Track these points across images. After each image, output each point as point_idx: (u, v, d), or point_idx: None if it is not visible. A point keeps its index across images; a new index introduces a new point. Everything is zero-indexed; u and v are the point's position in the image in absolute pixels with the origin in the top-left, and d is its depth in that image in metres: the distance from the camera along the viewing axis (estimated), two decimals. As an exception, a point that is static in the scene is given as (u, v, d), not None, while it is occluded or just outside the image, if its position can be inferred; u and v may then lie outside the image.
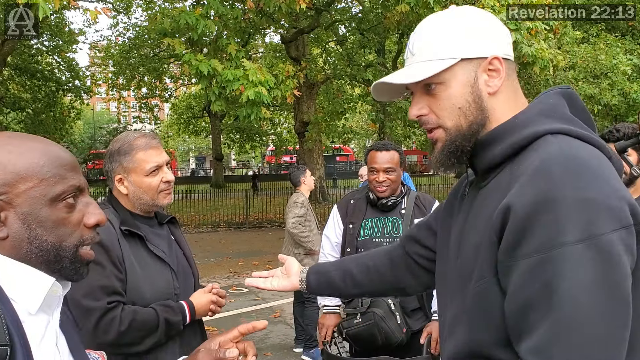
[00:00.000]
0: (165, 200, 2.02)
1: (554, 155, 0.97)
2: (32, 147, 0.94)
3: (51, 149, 0.96)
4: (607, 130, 2.88)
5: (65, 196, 0.94)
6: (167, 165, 2.04)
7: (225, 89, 8.33)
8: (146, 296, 1.92)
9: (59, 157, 0.96)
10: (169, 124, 36.48)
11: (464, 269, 1.10)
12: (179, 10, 8.90)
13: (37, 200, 0.91)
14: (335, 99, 16.26)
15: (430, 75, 1.10)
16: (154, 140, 2.03)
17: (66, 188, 0.94)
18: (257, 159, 55.54)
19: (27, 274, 0.91)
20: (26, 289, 0.90)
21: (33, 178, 0.91)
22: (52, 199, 0.93)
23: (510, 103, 1.12)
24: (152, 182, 1.98)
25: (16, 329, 0.85)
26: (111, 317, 1.82)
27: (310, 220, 5.37)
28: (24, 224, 0.91)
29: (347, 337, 2.76)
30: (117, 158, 1.98)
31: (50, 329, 0.94)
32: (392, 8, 9.66)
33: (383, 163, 2.82)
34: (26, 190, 0.91)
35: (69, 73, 20.78)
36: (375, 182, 2.84)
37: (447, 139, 1.13)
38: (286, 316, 6.51)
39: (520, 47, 8.21)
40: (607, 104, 13.63)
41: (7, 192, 0.90)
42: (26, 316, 0.89)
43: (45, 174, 0.92)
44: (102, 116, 52.13)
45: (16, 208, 0.90)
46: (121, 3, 21.26)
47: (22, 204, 0.91)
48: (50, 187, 0.93)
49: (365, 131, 35.91)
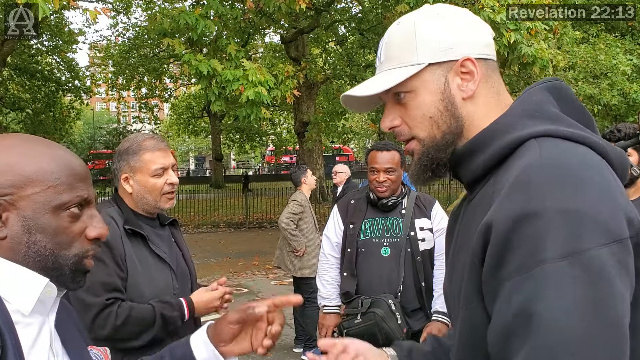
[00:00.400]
0: (167, 204, 2.06)
1: (534, 162, 0.87)
2: (44, 152, 0.94)
3: (64, 156, 0.96)
4: (608, 130, 2.88)
5: (69, 205, 0.93)
6: (173, 168, 2.08)
7: (225, 89, 8.33)
8: (146, 294, 1.95)
9: (70, 165, 0.95)
10: (168, 124, 36.48)
11: (456, 292, 1.03)
12: (179, 10, 8.90)
13: (40, 205, 0.91)
14: (335, 99, 16.26)
15: (395, 83, 1.01)
16: (162, 143, 2.07)
17: (72, 198, 0.93)
18: (256, 159, 55.53)
19: (20, 275, 0.90)
20: (19, 289, 0.89)
21: (40, 183, 0.91)
22: (56, 207, 0.92)
23: (492, 106, 1.02)
24: (157, 183, 2.01)
25: (8, 330, 0.84)
26: (107, 312, 1.86)
27: (309, 220, 5.37)
28: (24, 227, 0.90)
29: (348, 337, 2.75)
30: (125, 157, 2.03)
31: (45, 330, 0.93)
32: (392, 8, 9.67)
33: (384, 163, 2.82)
34: (31, 195, 0.90)
35: (68, 73, 20.77)
36: (375, 182, 2.83)
37: (422, 150, 1.04)
38: (286, 316, 6.49)
39: (520, 47, 8.22)
40: (607, 104, 13.63)
41: (12, 194, 0.89)
42: (19, 317, 0.88)
43: (53, 181, 0.92)
44: (102, 116, 52.12)
45: (19, 210, 0.90)
46: (121, 3, 21.26)
47: (25, 207, 0.90)
48: (56, 195, 0.92)
49: (365, 131, 35.91)
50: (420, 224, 2.85)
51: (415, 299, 2.82)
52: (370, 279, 2.81)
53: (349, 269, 2.87)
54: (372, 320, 2.66)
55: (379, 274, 2.80)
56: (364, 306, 2.71)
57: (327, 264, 3.00)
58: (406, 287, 2.78)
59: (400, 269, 2.78)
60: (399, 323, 2.67)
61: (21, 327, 0.87)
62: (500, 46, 8.21)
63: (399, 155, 2.86)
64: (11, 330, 0.84)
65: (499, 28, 8.14)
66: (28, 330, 0.89)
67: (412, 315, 2.81)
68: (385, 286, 2.78)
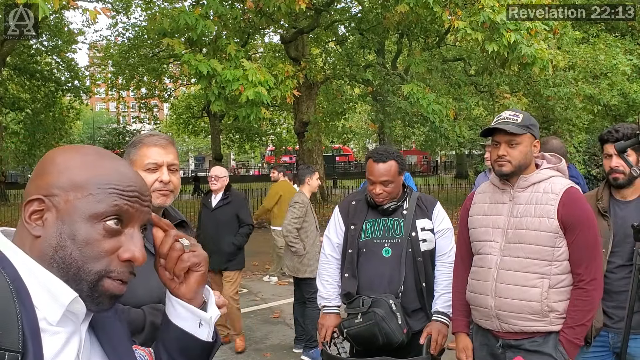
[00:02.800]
0: (157, 201, 2.00)
1: None
2: (102, 165, 0.94)
3: (120, 171, 0.95)
4: (607, 130, 2.88)
5: (105, 217, 0.90)
6: (172, 168, 2.04)
7: (225, 89, 8.34)
8: (138, 294, 1.92)
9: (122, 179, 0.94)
10: (168, 124, 36.43)
11: None
12: (179, 10, 8.91)
13: (77, 212, 0.89)
14: (335, 99, 16.25)
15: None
16: (163, 140, 2.04)
17: (107, 209, 0.91)
18: (256, 159, 55.50)
19: (51, 284, 0.88)
20: (49, 298, 0.87)
21: (84, 190, 0.90)
22: (92, 216, 0.90)
23: None
24: (147, 178, 1.96)
25: (33, 338, 0.82)
26: None
27: (310, 221, 5.37)
28: (57, 230, 0.89)
29: (348, 336, 2.75)
30: (128, 150, 2.04)
31: (74, 340, 0.90)
32: (392, 8, 9.67)
33: (379, 176, 2.78)
34: (73, 200, 0.89)
35: (68, 73, 20.77)
36: (372, 193, 2.83)
37: None
38: (286, 316, 6.51)
39: (519, 47, 8.21)
40: (607, 104, 13.63)
41: (57, 195, 0.90)
42: (46, 325, 0.86)
43: (95, 190, 0.91)
44: (102, 116, 52.11)
45: (59, 212, 0.89)
46: (120, 3, 21.24)
47: (64, 211, 0.89)
48: (95, 204, 0.90)
49: (365, 131, 35.90)
50: (421, 224, 2.85)
51: (416, 299, 2.81)
52: (371, 279, 2.81)
53: (350, 270, 2.86)
54: (372, 320, 2.65)
55: (380, 275, 2.80)
56: (365, 306, 2.70)
57: (328, 265, 3.00)
58: (407, 287, 2.78)
59: (401, 270, 2.77)
60: (400, 323, 2.66)
61: (48, 336, 0.85)
62: (500, 46, 8.21)
63: (397, 164, 2.81)
64: (36, 338, 0.83)
65: (499, 28, 8.15)
66: (54, 339, 0.87)
67: (413, 316, 2.80)
68: (386, 286, 2.77)
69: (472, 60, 14.68)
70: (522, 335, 2.37)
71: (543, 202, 2.34)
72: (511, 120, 2.38)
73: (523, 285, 2.33)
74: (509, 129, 2.34)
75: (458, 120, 13.39)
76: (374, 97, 16.20)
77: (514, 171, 2.39)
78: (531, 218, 2.35)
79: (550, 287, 2.31)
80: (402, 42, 16.49)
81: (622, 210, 2.67)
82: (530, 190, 2.40)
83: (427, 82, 12.01)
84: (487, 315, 2.44)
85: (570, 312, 2.31)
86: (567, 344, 2.31)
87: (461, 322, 2.62)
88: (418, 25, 12.89)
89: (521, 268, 2.34)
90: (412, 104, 11.25)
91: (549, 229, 2.30)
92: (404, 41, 16.14)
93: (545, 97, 12.79)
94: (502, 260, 2.39)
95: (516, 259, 2.36)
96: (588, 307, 2.30)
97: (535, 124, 2.45)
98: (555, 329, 2.33)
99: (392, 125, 16.45)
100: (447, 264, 2.84)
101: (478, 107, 13.31)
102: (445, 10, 8.71)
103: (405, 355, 2.69)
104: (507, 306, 2.36)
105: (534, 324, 2.33)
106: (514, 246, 2.37)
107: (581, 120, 13.70)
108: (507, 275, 2.37)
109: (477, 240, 2.53)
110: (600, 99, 13.18)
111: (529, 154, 2.41)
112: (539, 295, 2.30)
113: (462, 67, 15.86)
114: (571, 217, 2.30)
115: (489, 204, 2.52)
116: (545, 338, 2.34)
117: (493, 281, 2.40)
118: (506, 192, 2.45)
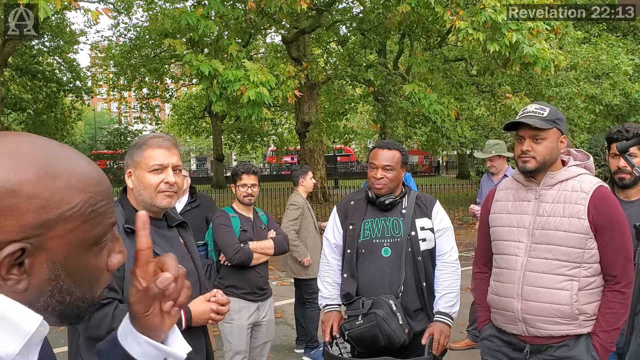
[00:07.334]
0: (163, 202, 2.02)
1: None
2: (74, 172, 0.72)
3: (86, 171, 0.74)
4: (616, 129, 2.84)
5: (104, 239, 0.75)
6: (176, 169, 2.05)
7: (226, 89, 8.33)
8: None
9: (93, 181, 0.74)
10: (169, 124, 36.44)
11: None
12: (180, 10, 8.90)
13: (75, 246, 0.72)
14: (337, 100, 16.24)
15: None
16: (167, 142, 2.06)
17: (106, 228, 0.75)
18: (258, 160, 55.53)
19: (11, 313, 0.69)
20: (5, 330, 0.68)
21: (75, 219, 0.71)
22: (91, 244, 0.74)
23: None
24: (152, 180, 2.00)
25: None
26: (104, 313, 1.84)
27: (308, 221, 5.35)
28: (52, 273, 0.71)
29: (349, 339, 2.74)
30: (131, 152, 2.05)
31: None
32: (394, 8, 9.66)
33: (382, 160, 2.81)
34: (64, 234, 0.70)
35: (70, 74, 20.81)
36: (372, 179, 2.83)
37: None
38: (287, 317, 6.50)
39: (521, 47, 8.20)
40: (609, 104, 13.60)
41: (41, 235, 0.69)
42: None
43: (88, 214, 0.72)
44: (103, 117, 52.14)
45: (48, 253, 0.70)
46: (122, 3, 21.24)
47: (53, 249, 0.70)
48: (91, 230, 0.73)
49: (367, 131, 35.84)
50: (421, 223, 2.84)
51: (417, 299, 2.80)
52: (371, 279, 2.79)
53: (349, 271, 2.85)
54: (373, 321, 2.64)
55: (380, 275, 2.78)
56: (365, 307, 2.69)
57: (328, 266, 2.99)
58: (407, 287, 2.76)
59: (401, 269, 2.76)
60: (401, 324, 2.65)
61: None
62: (502, 46, 8.20)
63: (400, 155, 2.85)
64: None
65: (501, 28, 8.14)
66: None
67: (414, 316, 2.79)
68: (386, 287, 2.76)
69: (474, 60, 14.66)
70: (550, 339, 2.27)
71: (572, 201, 2.23)
72: (536, 114, 2.27)
73: (551, 287, 2.23)
74: (533, 124, 2.22)
75: (460, 120, 13.38)
76: (376, 97, 16.19)
77: (539, 167, 2.28)
78: (560, 218, 2.24)
79: (580, 289, 2.22)
80: (404, 42, 16.46)
81: (626, 210, 2.66)
82: (557, 188, 2.29)
83: (428, 82, 11.98)
84: (512, 319, 2.34)
85: (605, 315, 2.21)
86: (601, 350, 2.21)
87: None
88: (419, 26, 12.86)
89: (549, 270, 2.24)
90: (413, 104, 11.22)
91: (579, 230, 2.20)
92: (406, 41, 16.11)
93: (547, 97, 12.75)
94: (528, 261, 2.29)
95: (544, 260, 2.25)
96: (623, 310, 2.21)
97: (562, 117, 2.34)
98: (584, 332, 2.24)
99: (393, 125, 16.44)
100: (447, 263, 2.83)
101: (480, 107, 13.29)
102: (447, 10, 8.70)
103: (408, 355, 2.68)
104: (535, 310, 2.26)
105: (563, 327, 2.24)
106: (541, 247, 2.26)
107: (583, 120, 13.66)
108: (534, 277, 2.27)
109: (499, 239, 2.42)
110: (602, 99, 13.15)
111: (555, 149, 2.29)
112: (568, 298, 2.21)
113: (463, 67, 15.83)
114: (603, 218, 2.21)
115: (512, 201, 2.40)
116: (576, 342, 2.24)
117: (519, 283, 2.29)
118: (531, 189, 2.35)
